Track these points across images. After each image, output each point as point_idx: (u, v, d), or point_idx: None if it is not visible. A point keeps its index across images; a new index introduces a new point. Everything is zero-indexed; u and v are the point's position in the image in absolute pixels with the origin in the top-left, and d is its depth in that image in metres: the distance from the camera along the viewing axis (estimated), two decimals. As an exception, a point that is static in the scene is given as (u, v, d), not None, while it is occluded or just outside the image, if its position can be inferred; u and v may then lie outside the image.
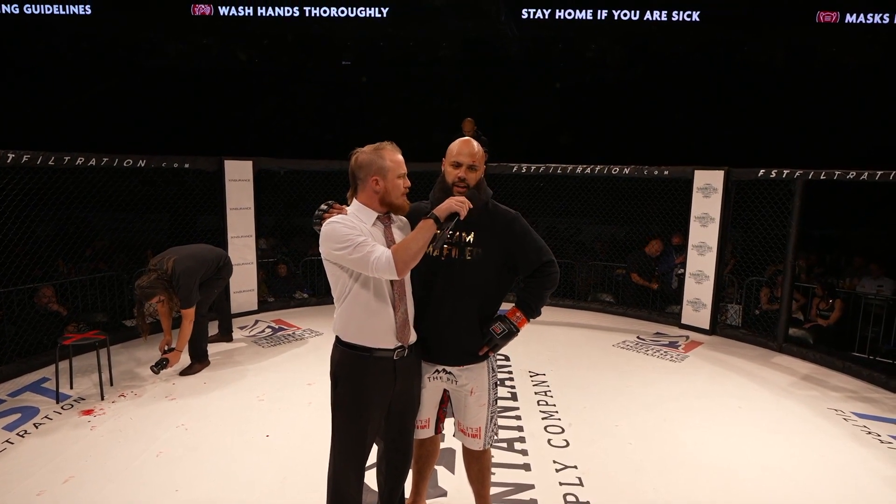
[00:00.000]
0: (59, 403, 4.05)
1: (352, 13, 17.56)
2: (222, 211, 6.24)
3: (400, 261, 2.00)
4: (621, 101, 16.19)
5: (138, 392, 4.30)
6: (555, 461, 3.40)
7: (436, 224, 2.09)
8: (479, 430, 2.42)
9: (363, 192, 2.17)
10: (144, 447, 3.46)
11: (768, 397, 4.56)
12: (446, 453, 3.35)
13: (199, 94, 16.35)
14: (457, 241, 2.29)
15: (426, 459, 2.59)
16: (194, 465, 3.27)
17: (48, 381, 4.43)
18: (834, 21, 16.33)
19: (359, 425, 2.17)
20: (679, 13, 16.87)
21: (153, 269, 4.43)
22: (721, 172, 6.07)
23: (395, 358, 2.17)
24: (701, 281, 6.29)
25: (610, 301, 7.44)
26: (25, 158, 4.50)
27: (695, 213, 6.31)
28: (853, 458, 3.58)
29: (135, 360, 4.97)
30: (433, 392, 2.41)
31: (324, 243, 2.09)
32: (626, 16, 17.05)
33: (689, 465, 3.43)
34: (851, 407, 4.40)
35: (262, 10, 17.50)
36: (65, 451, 3.39)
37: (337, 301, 2.19)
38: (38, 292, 5.38)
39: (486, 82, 17.11)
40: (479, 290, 2.32)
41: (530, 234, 2.37)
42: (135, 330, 5.49)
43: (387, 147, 2.17)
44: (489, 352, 2.36)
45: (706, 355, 5.59)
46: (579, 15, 17.18)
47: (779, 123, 14.93)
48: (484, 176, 2.37)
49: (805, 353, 5.56)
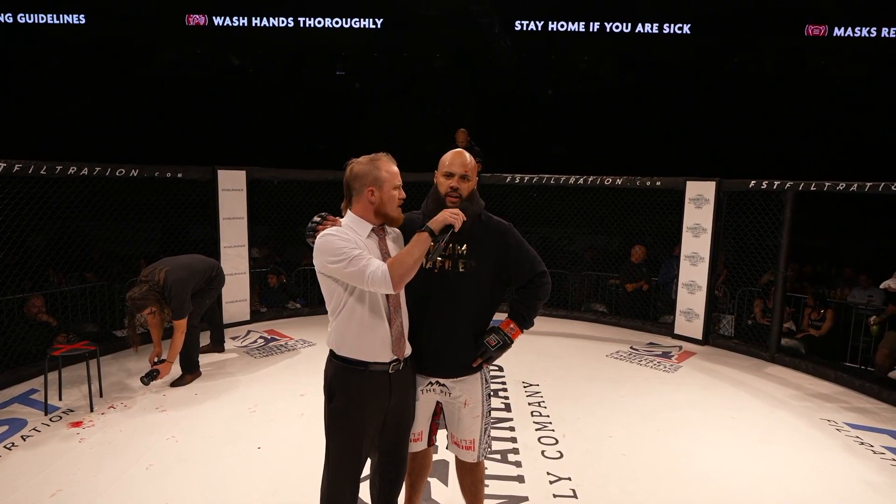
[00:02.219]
0: (48, 415, 4.00)
1: (346, 24, 17.63)
2: (215, 221, 6.21)
3: (396, 275, 1.99)
4: (614, 112, 16.31)
5: (128, 404, 4.26)
6: (549, 473, 3.39)
7: (431, 237, 2.08)
8: (472, 443, 2.41)
9: (358, 204, 2.17)
10: (134, 460, 3.42)
11: (761, 408, 4.57)
12: (440, 465, 3.33)
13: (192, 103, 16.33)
14: (450, 253, 2.28)
15: (419, 472, 2.58)
16: (185, 478, 3.23)
17: (37, 392, 4.38)
18: (822, 34, 16.54)
19: (354, 439, 2.15)
20: (670, 26, 17.04)
21: (145, 280, 4.39)
22: (713, 183, 6.11)
23: (390, 371, 2.16)
24: (693, 291, 6.31)
25: (603, 311, 7.46)
26: (17, 168, 4.47)
27: (687, 223, 6.35)
28: (846, 469, 3.59)
29: (125, 372, 4.93)
30: (426, 404, 2.39)
31: (318, 256, 2.07)
32: (618, 28, 17.20)
33: (683, 475, 3.42)
34: (844, 417, 4.41)
35: (257, 20, 17.55)
36: (53, 463, 3.35)
37: (331, 314, 2.17)
38: (27, 302, 5.33)
39: (479, 93, 17.20)
40: (472, 302, 2.32)
41: (524, 246, 2.38)
42: (125, 341, 5.44)
43: (382, 158, 2.17)
44: (483, 363, 2.36)
45: (699, 365, 5.60)
46: (571, 27, 17.32)
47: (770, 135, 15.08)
48: (477, 187, 2.38)
49: (797, 364, 5.58)
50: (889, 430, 4.20)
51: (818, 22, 16.48)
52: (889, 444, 3.96)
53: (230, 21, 17.54)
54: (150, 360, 4.62)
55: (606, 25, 17.21)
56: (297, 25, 17.61)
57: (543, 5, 17.02)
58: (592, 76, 17.71)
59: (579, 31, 17.36)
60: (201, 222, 6.35)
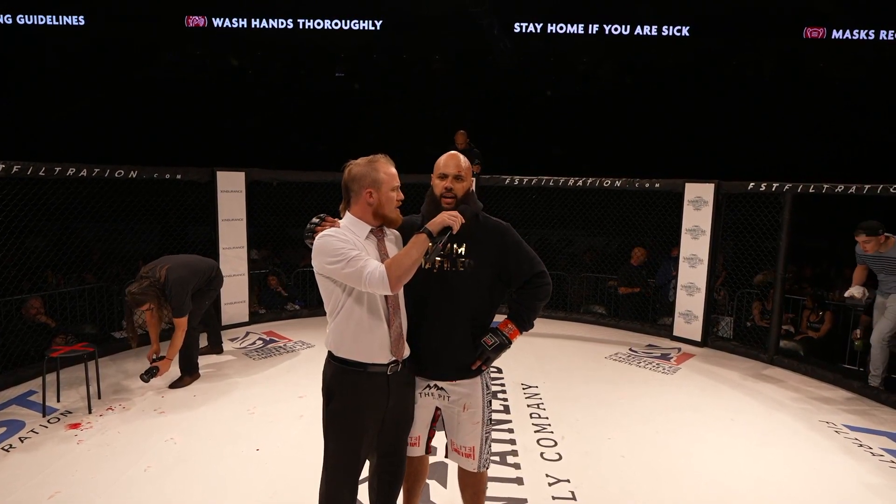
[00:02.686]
0: (46, 417, 4.00)
1: (345, 25, 17.63)
2: (214, 222, 6.21)
3: (393, 276, 2.00)
4: (613, 113, 16.32)
5: (126, 405, 4.25)
6: (548, 475, 3.38)
7: (429, 238, 2.09)
8: (472, 450, 2.37)
9: (356, 205, 2.17)
10: (132, 461, 3.41)
11: (760, 409, 4.57)
12: (438, 467, 3.33)
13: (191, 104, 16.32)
14: (449, 253, 2.28)
15: (416, 477, 2.55)
16: (183, 480, 3.23)
17: (35, 394, 4.37)
18: (821, 37, 16.57)
19: (352, 441, 2.15)
20: (669, 28, 17.07)
21: (145, 276, 4.38)
22: (711, 185, 6.11)
23: (388, 373, 2.16)
24: (692, 293, 6.31)
25: (602, 313, 7.46)
26: (16, 169, 4.47)
27: (686, 225, 6.35)
28: (845, 471, 3.59)
29: (123, 373, 4.92)
30: (425, 409, 2.38)
31: (316, 257, 2.07)
32: (617, 30, 17.22)
33: (682, 477, 3.42)
34: (843, 419, 4.41)
35: (256, 21, 17.54)
36: (51, 465, 3.34)
37: (330, 316, 2.17)
38: (25, 304, 5.32)
39: (478, 95, 17.20)
40: (471, 302, 2.31)
41: (522, 246, 2.38)
42: (123, 342, 5.44)
43: (381, 159, 2.18)
44: (482, 365, 2.33)
45: (698, 367, 5.60)
46: (571, 29, 17.33)
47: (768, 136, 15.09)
48: (474, 188, 2.38)
49: (796, 366, 5.58)
50: (888, 432, 4.20)
51: (817, 24, 16.51)
52: (888, 447, 3.96)
53: (229, 22, 17.54)
54: (148, 358, 4.59)
55: (606, 27, 17.23)
56: (297, 27, 17.61)
57: (543, 7, 17.03)
58: (592, 78, 17.71)
59: (578, 32, 17.37)
60: (200, 223, 6.34)
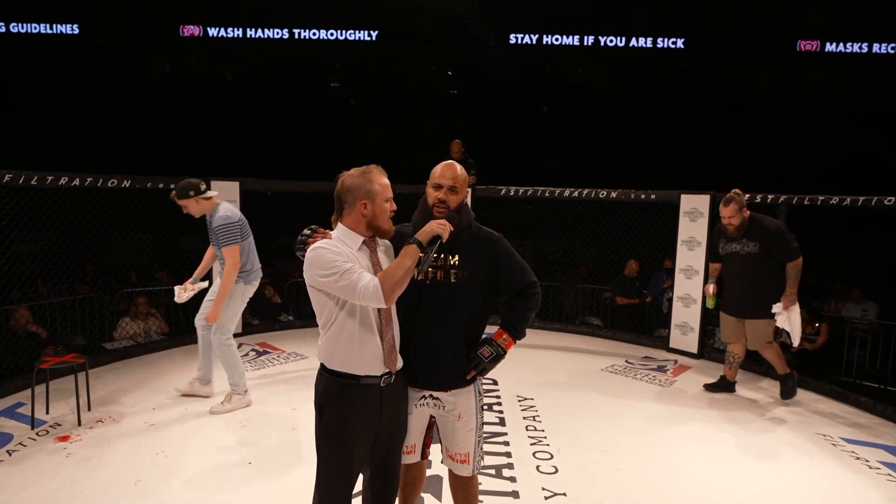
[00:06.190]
0: (34, 429, 3.93)
1: (341, 35, 17.70)
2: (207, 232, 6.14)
3: (387, 288, 1.99)
4: (608, 125, 16.40)
5: (116, 418, 4.19)
6: (544, 488, 3.35)
7: (419, 249, 2.09)
8: (467, 456, 2.39)
9: (350, 216, 2.16)
10: (122, 475, 3.35)
11: (756, 422, 4.55)
12: (433, 480, 3.29)
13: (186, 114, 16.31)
14: (441, 263, 2.28)
15: (412, 486, 2.55)
16: (173, 494, 3.17)
17: (23, 405, 4.30)
18: (814, 50, 16.73)
19: (345, 454, 2.12)
20: (664, 40, 17.20)
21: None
22: (707, 197, 6.12)
23: (381, 385, 2.14)
24: (688, 305, 6.30)
25: (598, 324, 7.43)
26: (7, 178, 4.43)
27: (682, 236, 6.35)
28: (842, 485, 3.56)
29: (113, 385, 4.85)
30: (419, 418, 2.37)
31: (308, 269, 2.06)
32: (612, 42, 17.34)
33: (678, 490, 3.39)
34: (839, 432, 4.39)
35: (251, 31, 17.59)
36: (39, 479, 3.28)
37: (322, 328, 2.15)
38: (14, 314, 5.26)
39: (473, 105, 17.27)
40: (464, 313, 2.31)
41: (514, 256, 2.39)
42: (114, 353, 5.41)
43: (374, 170, 2.17)
44: (476, 375, 2.34)
45: (694, 379, 5.57)
46: (566, 41, 17.45)
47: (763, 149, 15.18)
48: (468, 199, 2.37)
49: (792, 378, 5.55)
50: (885, 445, 4.18)
51: (810, 37, 16.67)
52: (885, 459, 3.94)
53: (225, 32, 17.58)
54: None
55: (601, 39, 17.35)
56: (292, 37, 17.67)
57: (538, 19, 17.15)
58: (587, 89, 17.83)
59: (574, 44, 17.50)
60: (194, 234, 6.29)
